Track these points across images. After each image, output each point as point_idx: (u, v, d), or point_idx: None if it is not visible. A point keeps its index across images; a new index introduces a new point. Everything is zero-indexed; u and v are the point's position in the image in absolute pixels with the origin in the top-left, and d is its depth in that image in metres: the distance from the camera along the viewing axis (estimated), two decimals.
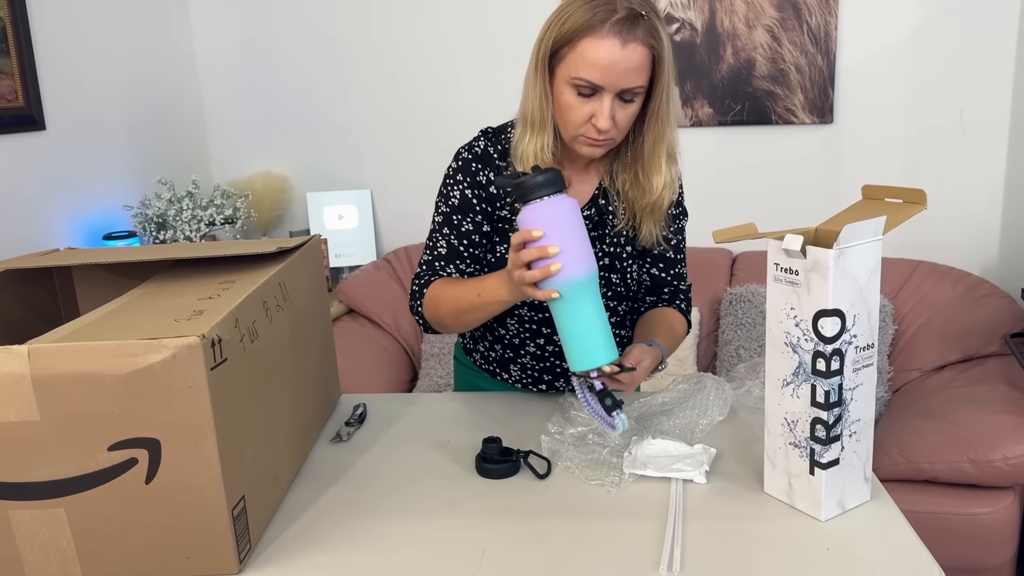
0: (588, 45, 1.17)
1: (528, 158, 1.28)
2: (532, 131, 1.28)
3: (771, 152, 2.75)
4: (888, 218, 0.98)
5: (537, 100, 1.25)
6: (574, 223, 1.08)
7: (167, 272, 1.17)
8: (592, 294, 1.10)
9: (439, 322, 1.33)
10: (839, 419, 1.00)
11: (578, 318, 1.09)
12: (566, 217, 1.07)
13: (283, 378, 1.12)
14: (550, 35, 1.22)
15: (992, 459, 1.90)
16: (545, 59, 1.23)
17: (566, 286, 1.07)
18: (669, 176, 1.31)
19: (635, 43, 1.17)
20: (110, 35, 2.56)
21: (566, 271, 1.06)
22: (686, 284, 1.46)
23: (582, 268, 1.07)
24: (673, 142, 1.30)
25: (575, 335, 1.10)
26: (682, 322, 1.43)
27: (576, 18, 1.18)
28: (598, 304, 1.11)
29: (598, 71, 1.17)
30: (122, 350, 0.85)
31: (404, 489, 1.14)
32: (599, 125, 1.21)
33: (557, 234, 1.06)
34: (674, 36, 2.66)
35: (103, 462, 0.87)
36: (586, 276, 1.08)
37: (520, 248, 1.07)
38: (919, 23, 2.57)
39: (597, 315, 1.10)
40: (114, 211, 2.55)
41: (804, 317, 0.98)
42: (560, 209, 1.07)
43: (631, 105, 1.23)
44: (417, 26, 2.88)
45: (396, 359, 2.69)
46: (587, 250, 1.09)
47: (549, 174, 1.07)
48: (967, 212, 2.66)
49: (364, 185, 3.05)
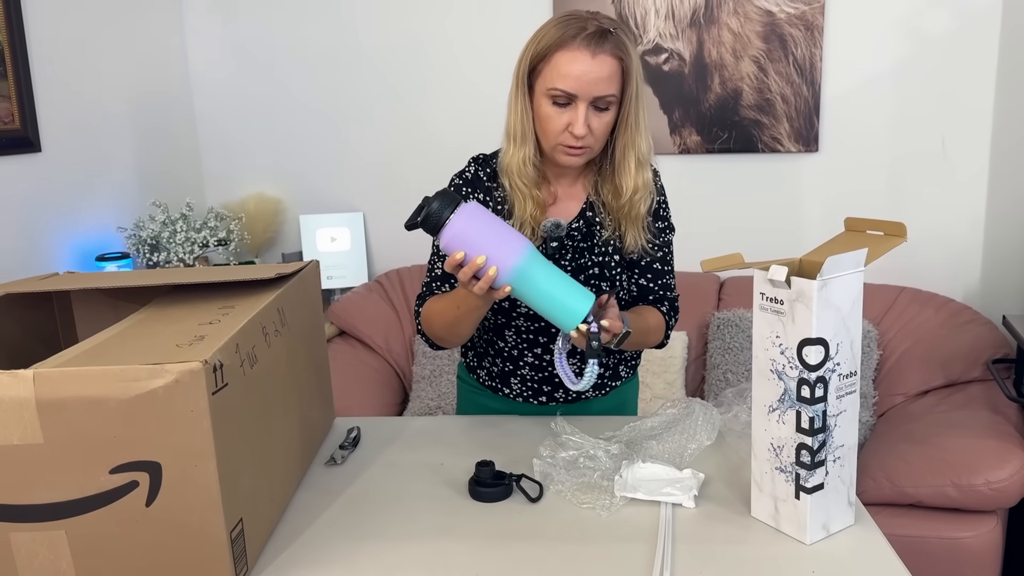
0: (562, 58, 1.28)
1: (512, 169, 1.37)
2: (515, 145, 1.37)
3: (758, 180, 2.80)
4: (869, 250, 1.01)
5: (519, 115, 1.35)
6: (485, 225, 1.18)
7: (166, 297, 1.19)
8: (538, 267, 1.19)
9: (439, 337, 1.42)
10: (823, 445, 1.02)
11: (541, 290, 1.18)
12: (474, 226, 1.17)
13: (281, 402, 1.14)
14: (527, 54, 1.34)
15: (975, 483, 1.93)
16: (524, 76, 1.34)
17: (512, 277, 1.17)
18: (640, 180, 1.38)
19: (604, 55, 1.28)
20: (106, 58, 2.59)
21: (503, 267, 1.16)
22: (673, 294, 1.51)
23: (514, 255, 1.16)
24: (643, 150, 1.38)
25: (549, 304, 1.19)
26: (658, 318, 1.48)
27: (550, 36, 1.30)
28: (551, 270, 1.20)
29: (571, 80, 1.28)
30: (126, 375, 0.87)
31: (398, 512, 1.15)
32: (575, 131, 1.30)
33: (475, 244, 1.16)
34: (663, 66, 2.72)
35: (104, 485, 0.89)
36: (522, 259, 1.17)
37: (457, 271, 1.18)
38: (901, 55, 2.63)
39: (556, 278, 1.19)
40: (108, 232, 2.57)
41: (789, 345, 1.01)
42: (466, 222, 1.16)
43: (605, 114, 1.32)
44: (411, 51, 2.92)
45: (387, 381, 2.71)
46: (509, 237, 1.18)
47: (440, 198, 1.16)
48: (949, 239, 2.72)
49: (357, 208, 3.07)
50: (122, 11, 2.67)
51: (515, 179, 1.38)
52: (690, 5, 2.66)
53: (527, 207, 1.38)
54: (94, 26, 2.53)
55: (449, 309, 1.34)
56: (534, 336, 1.46)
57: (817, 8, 2.60)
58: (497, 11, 2.83)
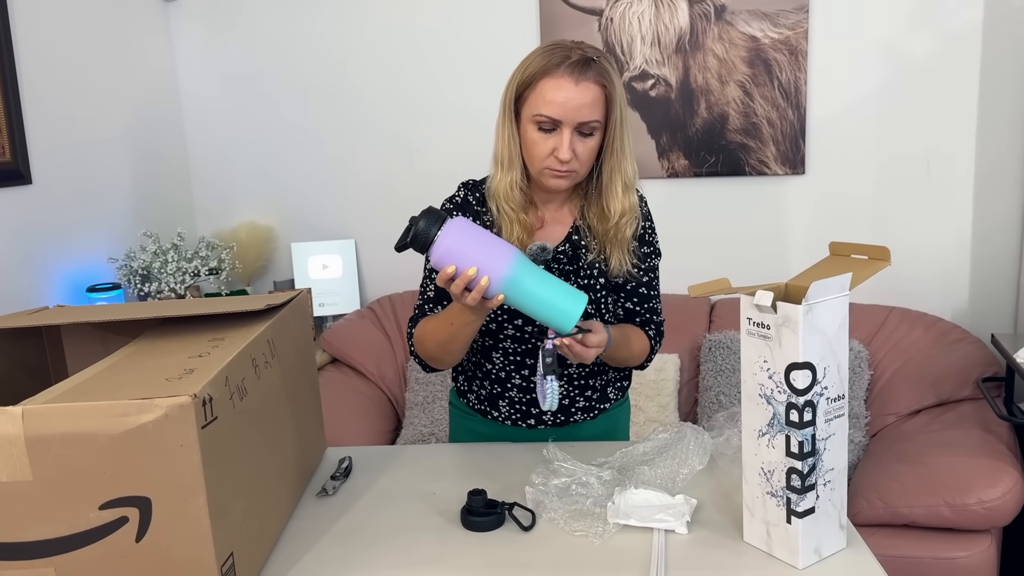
0: (546, 85, 1.32)
1: (499, 193, 1.40)
2: (503, 170, 1.40)
3: (746, 202, 2.82)
4: (854, 274, 1.03)
5: (506, 141, 1.39)
6: (472, 237, 1.21)
7: (156, 329, 1.19)
8: (529, 273, 1.22)
9: (432, 358, 1.44)
10: (813, 468, 1.03)
11: (534, 296, 1.21)
12: (461, 240, 1.19)
13: (271, 434, 1.14)
14: (514, 81, 1.38)
15: (968, 503, 1.93)
16: (511, 103, 1.38)
17: (504, 285, 1.19)
18: (627, 203, 1.41)
19: (587, 82, 1.31)
20: (97, 89, 2.61)
21: (494, 276, 1.18)
22: (659, 318, 1.53)
23: (504, 264, 1.19)
24: (629, 174, 1.41)
25: (543, 308, 1.22)
26: (642, 338, 1.49)
27: (536, 64, 1.34)
28: (541, 275, 1.23)
29: (556, 107, 1.31)
30: (115, 410, 0.87)
31: (390, 543, 1.15)
32: (560, 156, 1.33)
33: (465, 258, 1.18)
34: (650, 92, 2.74)
35: (94, 521, 0.89)
36: (512, 267, 1.20)
37: (449, 284, 1.20)
38: (884, 77, 2.67)
39: (547, 283, 1.22)
40: (99, 263, 2.57)
41: (777, 370, 1.01)
42: (454, 237, 1.19)
43: (590, 139, 1.35)
44: (402, 78, 2.94)
45: (380, 408, 2.70)
46: (497, 247, 1.21)
47: (426, 217, 1.19)
48: (937, 259, 2.74)
49: (348, 235, 3.08)
50: (113, 41, 2.69)
51: (502, 203, 1.41)
52: (675, 32, 2.69)
53: (514, 230, 1.41)
54: (85, 56, 2.55)
55: (442, 327, 1.36)
56: (521, 358, 1.47)
57: (801, 33, 2.64)
58: (487, 39, 2.86)
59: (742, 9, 2.66)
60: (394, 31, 2.91)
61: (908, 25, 2.62)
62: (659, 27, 2.70)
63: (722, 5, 2.66)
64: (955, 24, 2.60)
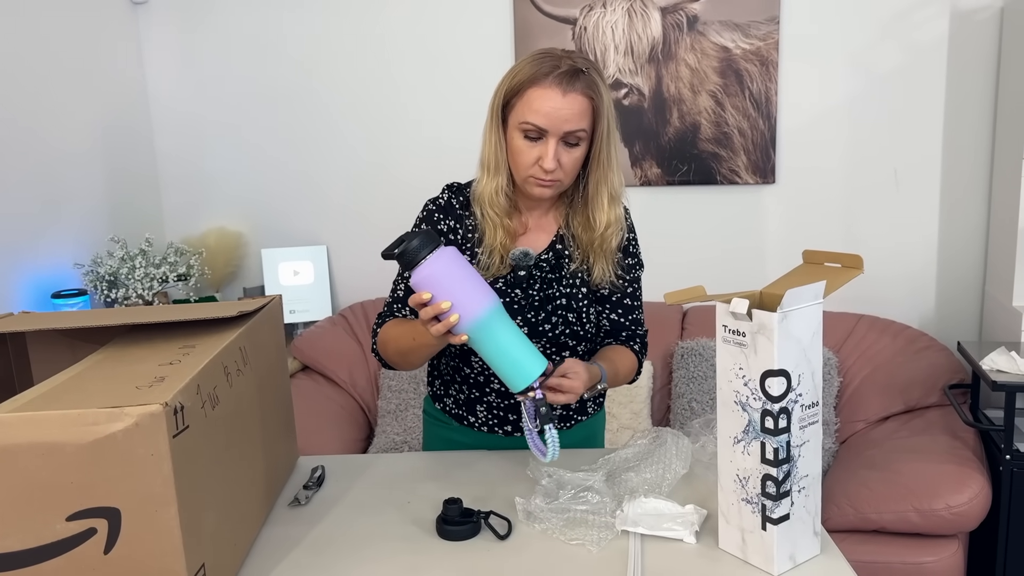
0: (534, 94, 1.32)
1: (484, 198, 1.40)
2: (489, 175, 1.41)
3: (717, 211, 2.85)
4: (828, 282, 1.04)
5: (492, 147, 1.39)
6: (457, 272, 1.19)
7: (125, 336, 1.16)
8: (500, 323, 1.20)
9: (391, 360, 1.45)
10: (788, 475, 1.03)
11: (497, 347, 1.20)
12: (447, 271, 1.18)
13: (243, 443, 1.12)
14: (502, 88, 1.38)
15: (936, 508, 1.96)
16: (499, 110, 1.38)
17: (472, 328, 1.18)
18: (613, 215, 1.42)
19: (575, 93, 1.31)
20: (63, 94, 2.56)
21: (465, 317, 1.17)
22: (643, 329, 1.54)
23: (478, 308, 1.18)
24: (616, 186, 1.42)
25: (502, 362, 1.20)
26: (630, 358, 1.50)
27: (524, 72, 1.34)
28: (511, 329, 1.22)
29: (542, 116, 1.32)
30: (84, 419, 0.85)
31: (364, 553, 1.14)
32: (545, 166, 1.33)
33: (444, 289, 1.17)
34: (623, 100, 2.76)
35: (61, 533, 0.86)
36: (486, 313, 1.18)
37: (420, 308, 1.20)
38: (853, 89, 2.71)
39: (514, 338, 1.21)
40: (64, 269, 2.52)
41: (752, 377, 1.02)
42: (440, 266, 1.17)
43: (575, 149, 1.36)
44: (374, 84, 2.93)
45: (352, 416, 2.67)
46: (477, 290, 1.19)
47: (421, 237, 1.18)
48: (905, 268, 2.78)
49: (320, 241, 3.06)
50: (80, 44, 2.65)
51: (487, 208, 1.41)
52: (648, 41, 2.71)
53: (497, 235, 1.41)
54: (51, 60, 2.50)
55: (404, 338, 1.37)
56: None
57: (772, 44, 2.67)
58: (460, 46, 2.86)
59: (714, 20, 2.68)
60: (366, 36, 2.90)
61: (876, 37, 2.67)
62: (632, 36, 2.71)
63: (695, 16, 2.69)
64: (922, 36, 2.65)
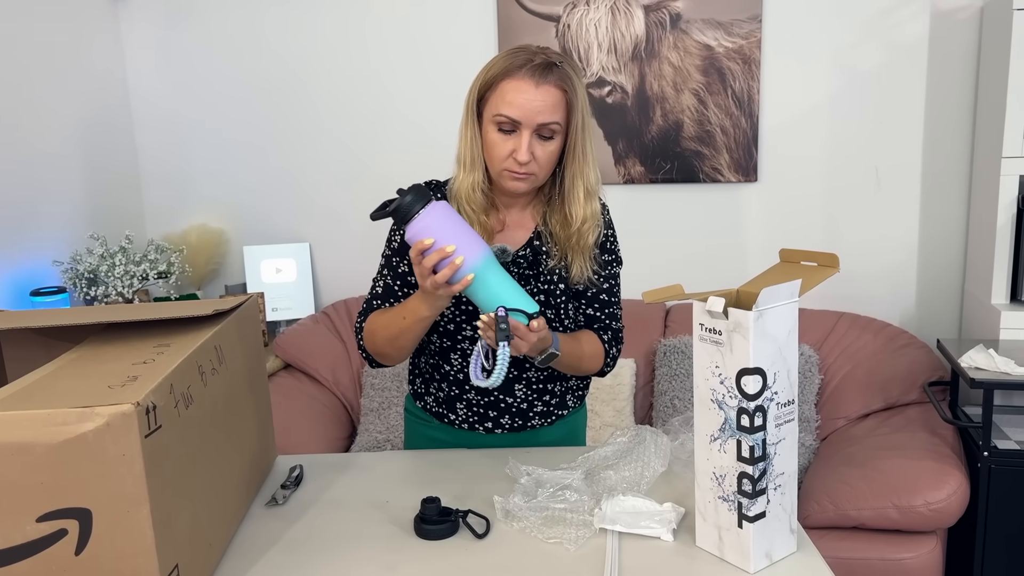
0: (507, 86, 1.34)
1: (461, 194, 1.41)
2: (465, 171, 1.41)
3: (700, 209, 2.85)
4: (803, 281, 1.04)
5: (468, 142, 1.40)
6: (454, 221, 1.25)
7: (100, 335, 1.15)
8: (495, 269, 1.26)
9: (379, 352, 1.44)
10: (764, 473, 1.04)
11: (496, 291, 1.25)
12: (446, 218, 1.23)
13: (218, 443, 1.12)
14: (477, 82, 1.39)
15: (915, 504, 1.98)
16: (474, 104, 1.39)
17: (475, 270, 1.23)
18: (589, 210, 1.42)
19: (548, 85, 1.32)
20: (42, 90, 2.54)
21: (468, 259, 1.22)
22: (617, 324, 1.54)
23: (478, 251, 1.24)
24: (592, 180, 1.42)
25: (508, 294, 1.26)
26: (596, 342, 1.49)
27: (499, 66, 1.35)
28: (504, 274, 1.28)
29: (515, 108, 1.32)
30: (54, 419, 0.84)
31: (341, 553, 1.13)
32: (519, 158, 1.34)
33: (446, 235, 1.22)
34: (606, 98, 2.76)
35: (31, 534, 0.85)
36: (485, 255, 1.24)
37: (420, 259, 1.23)
38: (835, 88, 2.72)
39: (508, 281, 1.27)
40: (43, 266, 2.49)
41: (728, 375, 1.02)
42: (437, 215, 1.23)
43: (550, 143, 1.36)
44: (357, 81, 2.92)
45: (335, 415, 2.66)
46: (474, 237, 1.26)
47: (414, 191, 1.23)
48: (885, 265, 2.80)
49: (303, 238, 3.04)
50: (59, 41, 2.62)
51: (464, 204, 1.41)
52: (631, 39, 2.71)
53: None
54: (30, 56, 2.48)
55: (394, 321, 1.38)
56: None
57: (754, 42, 2.68)
58: (444, 43, 2.85)
59: (697, 18, 2.69)
60: (350, 33, 2.89)
61: (858, 36, 2.68)
62: (616, 34, 2.72)
63: (677, 14, 2.69)
64: (902, 36, 2.66)
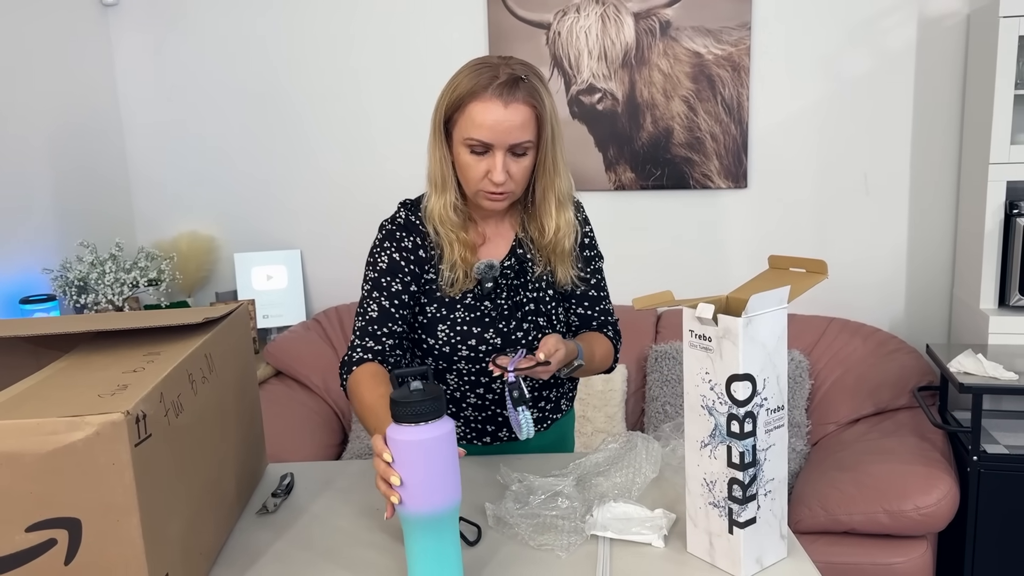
0: (475, 108, 1.30)
1: (435, 216, 1.39)
2: (437, 192, 1.39)
3: (690, 215, 2.87)
4: (792, 287, 1.04)
5: (438, 163, 1.37)
6: (429, 458, 1.00)
7: (90, 343, 1.15)
8: (432, 530, 1.01)
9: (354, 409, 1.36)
10: (754, 479, 1.04)
11: (423, 546, 1.02)
12: (419, 451, 0.99)
13: (208, 451, 1.11)
14: (442, 103, 1.34)
15: (905, 509, 1.98)
16: (441, 125, 1.35)
17: (404, 516, 1.01)
18: (562, 219, 1.41)
19: (516, 103, 1.29)
20: (31, 96, 2.53)
21: (405, 502, 1.00)
22: (613, 318, 1.54)
23: (419, 505, 1.00)
24: (563, 190, 1.41)
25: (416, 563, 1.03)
26: (605, 342, 1.50)
27: (463, 85, 1.31)
28: (447, 539, 1.03)
29: (486, 130, 1.29)
30: (43, 428, 0.83)
31: (332, 561, 1.13)
32: (494, 179, 1.32)
33: (404, 465, 0.99)
34: (597, 105, 2.77)
35: (20, 544, 0.85)
36: (429, 512, 1.00)
37: (377, 462, 1.02)
38: (823, 95, 2.74)
39: (447, 548, 1.02)
40: (33, 274, 2.48)
41: (718, 381, 1.03)
42: (416, 441, 0.99)
43: (524, 159, 1.34)
44: (348, 87, 2.92)
45: (326, 422, 2.66)
46: (441, 486, 1.01)
47: (433, 402, 0.99)
48: (875, 271, 2.82)
49: (294, 245, 3.04)
50: (49, 46, 2.61)
51: (439, 226, 1.39)
52: (621, 47, 2.73)
53: (455, 250, 1.39)
54: (18, 62, 2.47)
55: (365, 413, 1.24)
56: (476, 377, 1.45)
57: (743, 50, 2.70)
58: (434, 50, 2.85)
59: (686, 25, 2.70)
60: (339, 40, 2.89)
61: (846, 43, 2.70)
62: (606, 42, 2.73)
63: (667, 21, 2.71)
64: (890, 42, 2.68)
